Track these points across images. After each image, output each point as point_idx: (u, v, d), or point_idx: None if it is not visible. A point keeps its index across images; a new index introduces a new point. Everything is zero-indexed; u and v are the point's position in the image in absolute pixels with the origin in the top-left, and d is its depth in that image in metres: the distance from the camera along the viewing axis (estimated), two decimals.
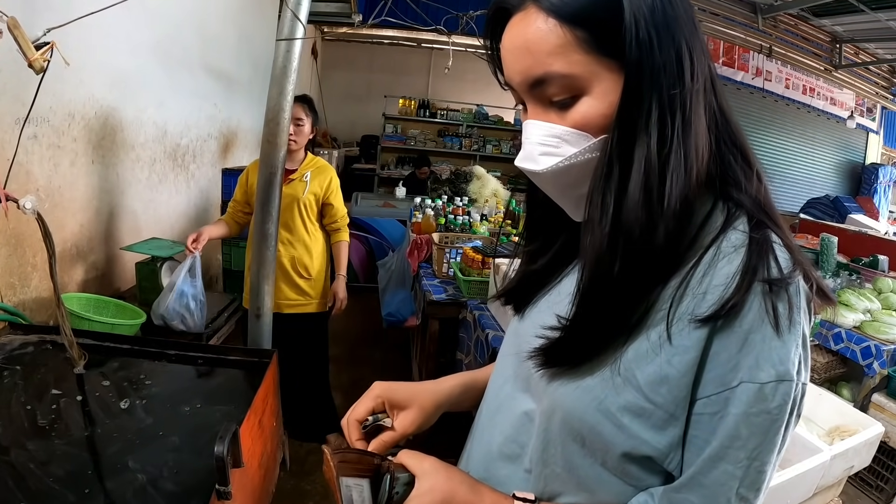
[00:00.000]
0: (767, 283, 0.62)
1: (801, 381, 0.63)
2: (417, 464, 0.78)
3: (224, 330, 2.66)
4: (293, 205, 2.77)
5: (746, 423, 0.62)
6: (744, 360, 0.62)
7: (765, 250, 0.64)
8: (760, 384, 0.61)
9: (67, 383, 1.64)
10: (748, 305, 0.62)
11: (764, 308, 0.61)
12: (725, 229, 0.68)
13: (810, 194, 8.57)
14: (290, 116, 2.05)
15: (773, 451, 0.63)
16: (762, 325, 0.61)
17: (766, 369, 0.61)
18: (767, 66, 8.64)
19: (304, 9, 1.90)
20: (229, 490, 1.21)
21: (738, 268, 0.64)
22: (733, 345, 0.62)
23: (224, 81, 4.34)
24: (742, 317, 0.62)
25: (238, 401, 1.65)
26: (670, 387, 0.65)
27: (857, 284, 4.24)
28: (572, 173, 0.69)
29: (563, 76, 0.65)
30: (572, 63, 0.65)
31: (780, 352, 0.61)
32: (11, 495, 1.18)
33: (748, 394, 0.61)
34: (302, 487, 2.73)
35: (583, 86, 0.66)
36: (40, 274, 2.21)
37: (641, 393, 0.66)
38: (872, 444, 2.45)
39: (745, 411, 0.61)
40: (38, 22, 1.55)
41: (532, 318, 0.86)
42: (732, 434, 0.62)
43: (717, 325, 0.63)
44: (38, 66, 1.46)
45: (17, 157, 1.75)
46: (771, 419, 0.61)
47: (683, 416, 0.65)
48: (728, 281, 0.63)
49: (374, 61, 10.02)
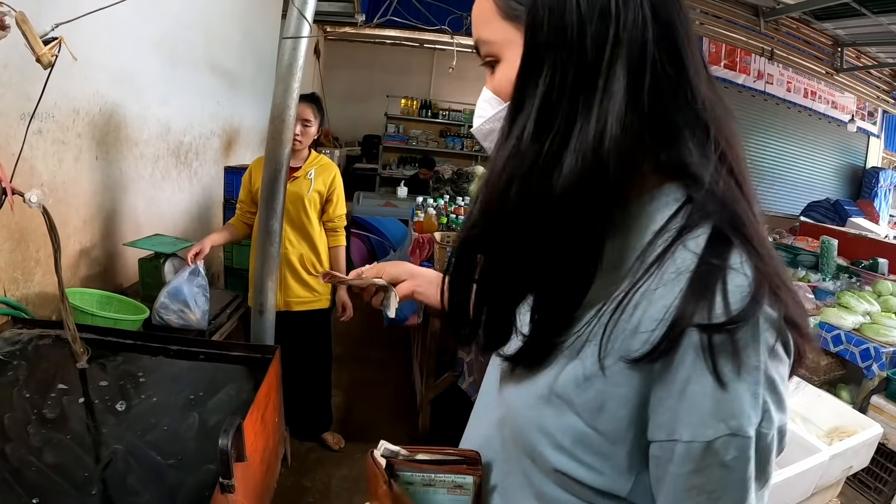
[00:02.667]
0: (704, 330, 0.53)
1: (765, 429, 0.55)
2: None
3: (227, 326, 2.66)
4: (299, 202, 2.78)
5: (701, 475, 0.55)
6: (685, 415, 0.55)
7: (712, 282, 0.55)
8: (707, 442, 0.54)
9: (70, 378, 1.65)
10: (680, 354, 0.54)
11: (700, 357, 0.53)
12: (675, 244, 0.59)
13: (811, 197, 8.56)
14: (295, 114, 2.06)
15: (744, 496, 0.56)
16: (701, 375, 0.53)
17: (713, 425, 0.53)
18: (769, 70, 8.64)
19: (310, 7, 1.91)
20: (233, 483, 1.22)
21: (672, 303, 0.55)
22: (672, 395, 0.55)
23: (227, 79, 4.35)
24: (676, 366, 0.54)
25: (241, 396, 1.66)
26: (611, 416, 0.59)
27: (857, 287, 4.24)
28: (494, 137, 0.66)
29: (484, 41, 0.67)
30: (493, 30, 0.66)
31: (728, 405, 0.53)
32: (13, 489, 1.19)
33: (696, 450, 0.54)
34: (302, 484, 2.74)
35: (498, 51, 0.67)
36: (43, 269, 2.21)
37: (581, 418, 0.61)
38: (871, 445, 2.46)
39: (696, 468, 0.55)
40: (45, 17, 1.56)
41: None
42: (687, 488, 0.56)
43: (652, 369, 0.56)
44: (46, 62, 1.47)
45: (22, 152, 1.75)
46: (728, 471, 0.55)
47: (629, 448, 0.60)
48: (661, 319, 0.55)
49: (376, 61, 10.02)
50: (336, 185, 2.90)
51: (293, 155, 2.76)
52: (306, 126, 2.71)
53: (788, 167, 9.58)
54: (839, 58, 8.41)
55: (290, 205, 2.74)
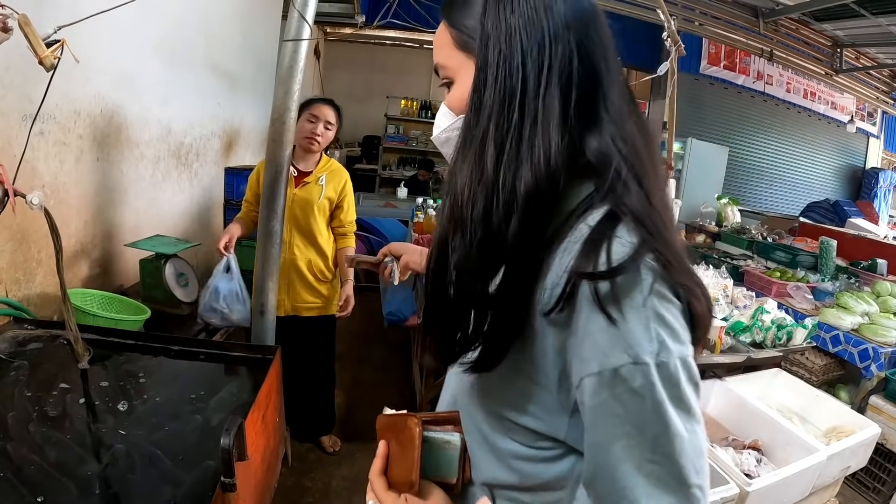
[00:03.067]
0: (591, 278, 0.65)
1: (664, 358, 0.64)
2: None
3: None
4: (308, 208, 2.76)
5: (618, 403, 0.65)
6: (589, 352, 0.66)
7: (599, 245, 0.67)
8: (614, 369, 0.64)
9: (72, 378, 1.66)
10: (578, 302, 0.66)
11: (593, 300, 0.65)
12: (577, 222, 0.72)
13: (810, 198, 8.56)
14: (295, 116, 2.07)
15: (666, 421, 0.64)
16: (595, 316, 0.65)
17: (615, 355, 0.64)
18: (768, 70, 8.66)
19: (310, 10, 1.92)
20: (234, 482, 1.23)
21: (569, 264, 0.68)
22: (578, 338, 0.67)
23: (227, 80, 4.36)
24: (577, 313, 0.67)
25: (242, 396, 1.67)
26: (542, 368, 0.73)
27: (856, 288, 4.26)
28: (451, 144, 0.83)
29: (442, 66, 0.84)
30: (449, 57, 0.82)
31: (623, 338, 0.64)
32: (16, 489, 1.19)
33: (606, 379, 0.65)
34: (303, 484, 2.75)
35: (453, 75, 0.83)
36: (45, 269, 2.22)
37: (528, 377, 0.75)
38: (869, 445, 2.47)
39: (610, 394, 0.65)
40: (46, 19, 1.57)
41: None
42: (609, 417, 0.66)
43: (563, 321, 0.68)
44: (49, 64, 1.48)
45: (24, 153, 1.76)
46: (641, 397, 0.64)
47: (561, 394, 0.73)
48: (560, 276, 0.68)
49: (376, 62, 10.03)
50: (347, 191, 2.89)
51: (304, 158, 2.75)
52: (328, 129, 2.71)
53: (788, 168, 9.59)
54: (838, 58, 8.42)
55: (300, 210, 2.74)
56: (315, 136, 2.66)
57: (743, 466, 2.23)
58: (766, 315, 2.90)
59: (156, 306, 2.42)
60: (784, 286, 4.30)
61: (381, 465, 0.88)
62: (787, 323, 2.91)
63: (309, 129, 2.66)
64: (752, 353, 2.73)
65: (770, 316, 2.90)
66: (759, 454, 2.38)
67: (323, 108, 2.71)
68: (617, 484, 0.67)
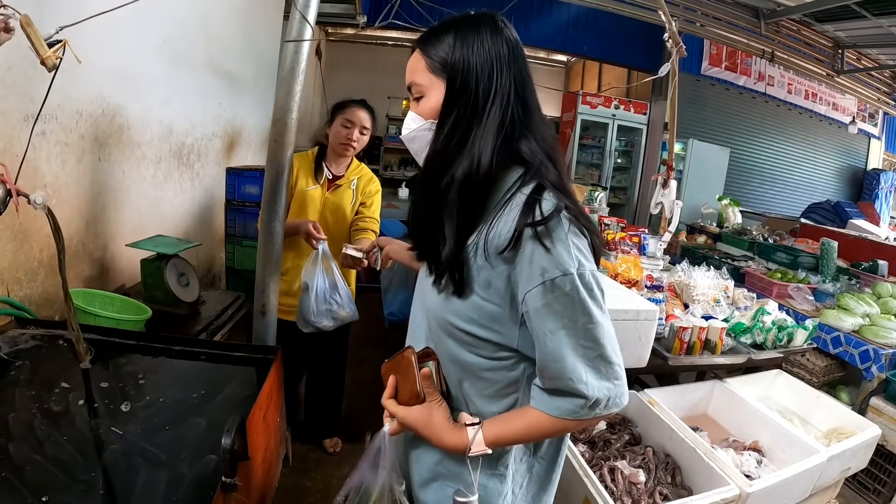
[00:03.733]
0: (532, 224, 1.01)
1: (582, 270, 1.02)
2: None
3: (228, 327, 2.67)
4: (340, 213, 2.73)
5: (557, 303, 1.01)
6: (534, 271, 1.01)
7: (534, 204, 1.04)
8: (552, 279, 1.00)
9: (73, 378, 1.66)
10: (524, 239, 1.01)
11: (534, 238, 1.01)
12: (516, 193, 1.08)
13: (811, 199, 8.57)
14: (298, 117, 2.07)
15: (588, 315, 1.03)
16: (536, 248, 1.01)
17: (551, 270, 1.00)
18: (770, 71, 8.67)
19: (312, 10, 1.92)
20: (235, 482, 1.23)
21: (514, 217, 1.04)
22: (524, 265, 1.02)
23: (228, 80, 4.37)
24: (523, 247, 1.02)
25: (242, 396, 1.67)
26: (495, 290, 1.07)
27: (857, 289, 4.26)
28: (416, 141, 1.22)
29: (416, 84, 1.18)
30: (422, 78, 1.16)
31: (555, 259, 1.01)
32: (17, 489, 1.20)
33: (547, 287, 1.01)
34: (303, 484, 2.75)
35: (425, 92, 1.17)
36: (46, 269, 2.23)
37: (479, 296, 1.09)
38: (870, 447, 2.48)
39: (552, 297, 1.01)
40: (48, 19, 1.57)
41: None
42: (552, 313, 1.02)
43: (511, 255, 1.03)
44: (51, 64, 1.48)
45: (26, 153, 1.77)
46: (571, 297, 1.01)
47: (509, 310, 1.08)
48: (510, 226, 1.03)
49: (377, 62, 10.03)
50: (376, 197, 2.87)
51: (336, 161, 2.72)
52: (363, 134, 2.69)
53: (789, 169, 9.60)
54: (840, 60, 8.42)
55: (331, 215, 2.70)
56: (351, 141, 2.62)
57: (743, 467, 2.23)
58: (766, 316, 2.90)
59: (157, 306, 2.42)
60: (785, 287, 4.30)
61: (390, 391, 1.22)
62: (788, 324, 2.91)
63: (344, 134, 2.63)
64: (753, 354, 2.73)
65: (771, 317, 2.91)
66: (760, 455, 2.38)
67: (358, 111, 2.66)
68: (561, 363, 1.03)
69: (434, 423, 1.14)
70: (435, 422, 1.14)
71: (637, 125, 8.76)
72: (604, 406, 1.07)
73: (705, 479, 2.12)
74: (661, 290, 3.19)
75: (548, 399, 1.08)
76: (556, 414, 1.07)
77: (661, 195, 4.15)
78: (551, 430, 1.11)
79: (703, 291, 3.26)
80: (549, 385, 1.08)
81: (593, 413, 1.07)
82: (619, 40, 8.06)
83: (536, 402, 1.10)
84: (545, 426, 1.10)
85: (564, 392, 1.06)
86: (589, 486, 2.01)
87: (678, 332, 2.58)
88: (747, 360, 2.72)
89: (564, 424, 1.09)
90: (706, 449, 2.19)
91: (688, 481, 2.22)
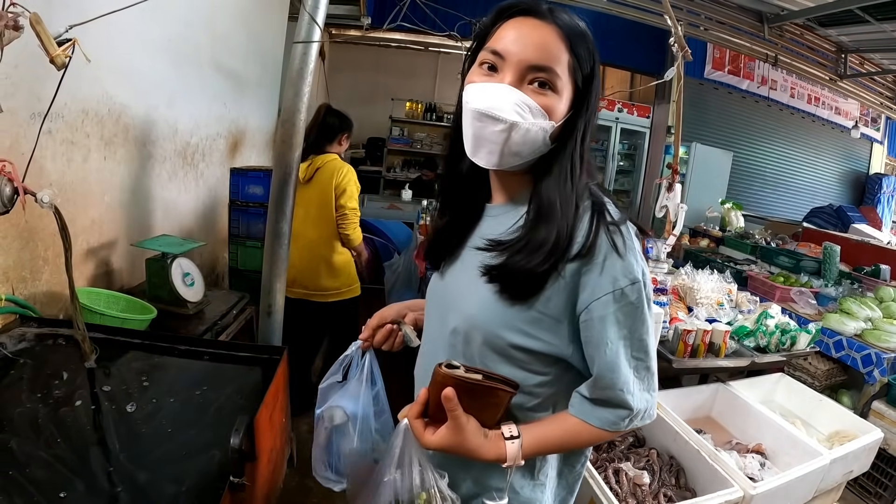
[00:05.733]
0: (608, 226, 1.00)
1: (646, 279, 1.01)
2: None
3: (233, 327, 2.67)
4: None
5: (622, 312, 0.99)
6: (605, 278, 0.98)
7: (602, 212, 1.02)
8: (622, 289, 0.98)
9: (78, 377, 1.66)
10: (598, 245, 0.98)
11: (609, 244, 0.98)
12: (586, 209, 1.03)
13: (814, 203, 8.57)
14: (305, 118, 2.07)
15: (644, 325, 1.02)
16: (610, 253, 0.98)
17: (622, 279, 0.98)
18: (773, 75, 8.66)
19: (321, 12, 1.93)
20: (243, 481, 1.23)
21: (586, 223, 1.00)
22: (594, 272, 0.98)
23: (233, 81, 4.37)
24: (596, 254, 0.98)
25: (249, 396, 1.67)
26: (556, 297, 1.01)
27: (859, 293, 4.26)
28: (520, 135, 0.99)
29: (556, 74, 0.99)
30: (563, 72, 1.00)
31: (626, 267, 0.98)
32: (23, 487, 1.20)
33: (617, 295, 0.98)
34: (307, 484, 2.75)
35: (558, 87, 1.00)
36: (51, 268, 2.23)
37: (538, 305, 1.02)
38: (872, 450, 2.48)
39: (618, 306, 0.98)
40: (55, 18, 1.58)
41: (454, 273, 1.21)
42: (615, 323, 0.99)
43: (583, 261, 0.98)
44: (60, 63, 1.49)
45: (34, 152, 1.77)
46: (635, 307, 1.00)
47: (567, 322, 1.02)
48: (586, 231, 0.99)
49: (380, 64, 10.02)
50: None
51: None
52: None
53: (792, 173, 9.59)
54: (843, 64, 8.43)
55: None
56: None
57: (746, 470, 2.23)
58: (769, 320, 2.90)
59: (161, 306, 2.42)
60: (787, 291, 4.30)
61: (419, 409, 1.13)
62: (791, 328, 2.91)
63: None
64: (756, 357, 2.73)
65: (774, 321, 2.91)
66: (763, 458, 2.38)
67: None
68: (615, 374, 1.01)
69: (468, 441, 1.04)
70: (469, 439, 1.04)
71: (640, 128, 8.75)
72: (640, 418, 1.06)
73: (709, 481, 2.12)
74: (664, 293, 3.20)
75: (591, 408, 1.06)
76: (597, 424, 1.05)
77: (665, 198, 4.15)
78: (587, 440, 1.09)
79: (707, 295, 3.26)
80: (596, 395, 1.05)
81: (631, 425, 1.06)
82: (622, 43, 8.06)
83: (577, 410, 1.07)
84: (583, 436, 1.07)
85: (610, 403, 1.04)
86: (594, 487, 2.01)
87: (682, 335, 2.58)
88: (750, 364, 2.72)
89: (601, 435, 1.07)
90: (710, 451, 2.19)
91: (692, 483, 2.22)
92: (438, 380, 1.03)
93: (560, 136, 1.04)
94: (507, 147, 1.00)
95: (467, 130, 1.05)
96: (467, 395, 1.02)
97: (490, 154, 1.02)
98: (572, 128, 1.03)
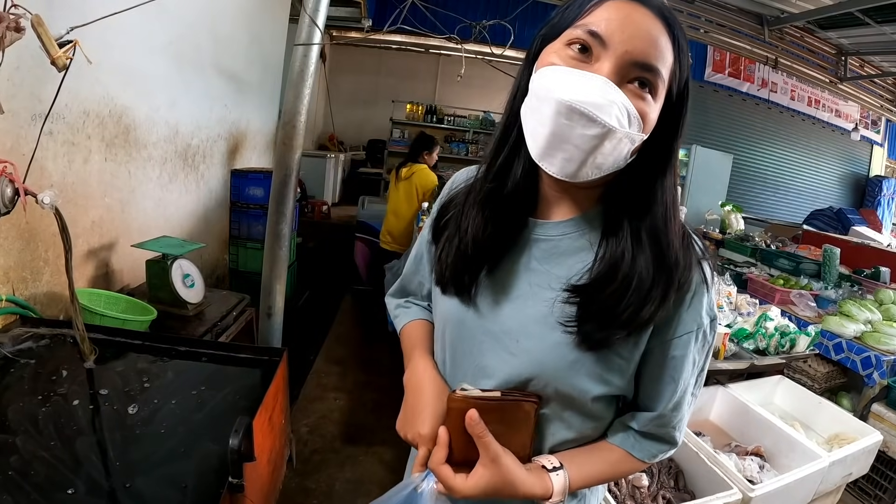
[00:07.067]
0: (698, 258, 0.89)
1: (715, 315, 0.92)
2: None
3: (233, 329, 2.68)
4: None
5: (697, 352, 0.92)
6: (691, 315, 0.88)
7: (690, 244, 0.89)
8: (702, 328, 0.90)
9: (78, 377, 1.67)
10: (691, 277, 0.86)
11: (700, 277, 0.88)
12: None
13: (814, 205, 8.57)
14: (306, 120, 2.08)
15: (707, 361, 0.96)
16: (700, 287, 0.88)
17: (704, 317, 0.90)
18: (773, 78, 8.67)
19: (321, 15, 1.93)
20: (242, 483, 1.23)
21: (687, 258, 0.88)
22: (681, 308, 0.87)
23: (234, 82, 4.38)
24: (689, 288, 0.86)
25: (248, 398, 1.67)
26: (634, 339, 0.88)
27: (859, 295, 4.25)
28: (612, 145, 0.78)
29: (661, 77, 0.80)
30: (666, 75, 0.81)
31: (709, 304, 0.90)
32: (21, 487, 1.20)
33: (699, 333, 0.90)
34: (306, 486, 2.75)
35: (659, 92, 0.81)
36: (52, 269, 2.24)
37: (615, 351, 0.88)
38: (871, 452, 2.47)
39: (698, 345, 0.91)
40: (57, 20, 1.58)
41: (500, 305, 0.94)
42: (690, 363, 0.92)
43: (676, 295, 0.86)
44: (61, 64, 1.49)
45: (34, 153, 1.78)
46: (708, 345, 0.94)
47: (635, 360, 0.90)
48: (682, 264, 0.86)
49: (381, 66, 10.03)
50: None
51: None
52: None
53: (792, 175, 9.60)
54: (843, 67, 8.44)
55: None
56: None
57: (746, 472, 2.23)
58: (769, 322, 2.90)
59: (161, 307, 2.42)
60: (787, 293, 4.30)
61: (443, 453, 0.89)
62: (791, 330, 2.91)
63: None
64: (756, 359, 2.73)
65: (773, 323, 2.91)
66: (762, 460, 2.38)
67: None
68: (677, 412, 0.96)
69: (509, 474, 0.86)
70: (510, 472, 0.86)
71: None
72: (673, 451, 1.02)
73: (708, 483, 2.12)
74: None
75: (639, 441, 0.98)
76: (642, 457, 0.98)
77: None
78: (628, 471, 1.01)
79: None
80: (649, 429, 0.96)
81: (666, 456, 1.02)
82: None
83: (623, 442, 0.98)
84: (625, 467, 0.99)
85: (660, 437, 0.98)
86: None
87: None
88: (750, 366, 2.72)
89: (640, 466, 1.00)
90: (709, 453, 2.19)
91: (691, 485, 2.22)
92: (455, 406, 0.87)
93: (643, 151, 0.84)
94: (593, 157, 0.79)
95: (542, 127, 0.80)
96: (492, 418, 0.86)
97: (568, 162, 0.80)
98: (668, 150, 0.86)
